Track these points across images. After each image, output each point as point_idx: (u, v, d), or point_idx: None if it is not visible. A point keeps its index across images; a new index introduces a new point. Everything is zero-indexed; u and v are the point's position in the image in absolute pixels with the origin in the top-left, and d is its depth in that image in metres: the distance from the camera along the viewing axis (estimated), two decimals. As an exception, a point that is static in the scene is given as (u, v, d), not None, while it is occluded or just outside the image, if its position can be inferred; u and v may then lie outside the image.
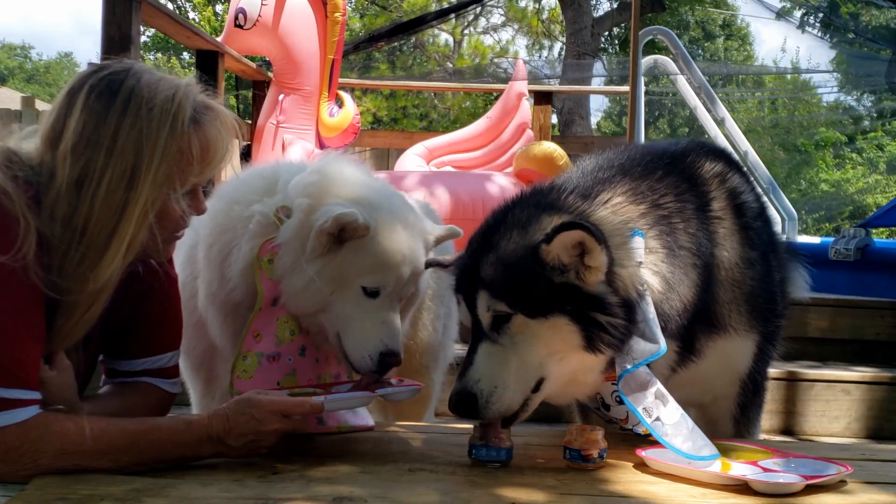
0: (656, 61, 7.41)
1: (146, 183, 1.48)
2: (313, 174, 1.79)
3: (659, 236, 1.70)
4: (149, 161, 1.48)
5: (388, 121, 16.09)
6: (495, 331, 1.59)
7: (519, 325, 1.57)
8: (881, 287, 4.02)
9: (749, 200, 1.91)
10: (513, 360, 1.58)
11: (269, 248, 1.74)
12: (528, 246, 1.58)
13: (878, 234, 14.23)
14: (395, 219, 1.78)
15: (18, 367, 1.40)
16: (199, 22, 16.18)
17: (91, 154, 1.46)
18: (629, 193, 1.73)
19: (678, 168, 1.85)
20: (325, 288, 1.72)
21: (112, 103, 1.48)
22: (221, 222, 1.82)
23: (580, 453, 1.59)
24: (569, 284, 1.56)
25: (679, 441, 1.61)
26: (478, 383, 1.57)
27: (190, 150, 1.52)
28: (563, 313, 1.56)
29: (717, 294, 1.79)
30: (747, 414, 2.00)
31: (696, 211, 1.78)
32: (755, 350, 1.91)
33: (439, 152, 6.28)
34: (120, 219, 1.47)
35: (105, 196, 1.46)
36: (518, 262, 1.58)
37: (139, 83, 1.51)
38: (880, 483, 1.58)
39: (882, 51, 12.28)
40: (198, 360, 1.98)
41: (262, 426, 1.52)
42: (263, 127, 5.59)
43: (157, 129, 1.49)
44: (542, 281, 1.56)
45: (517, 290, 1.57)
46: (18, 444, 1.39)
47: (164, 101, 1.50)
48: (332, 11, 5.55)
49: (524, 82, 6.42)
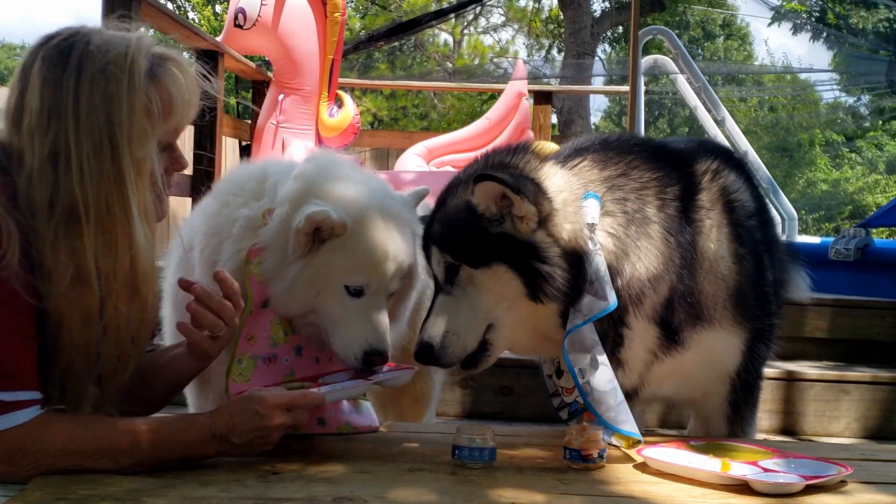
0: (656, 61, 7.41)
1: (125, 145, 1.44)
2: (296, 179, 1.78)
3: (619, 202, 1.77)
4: (119, 121, 1.44)
5: (388, 121, 16.09)
6: (448, 283, 1.72)
7: (466, 276, 1.70)
8: (881, 287, 4.02)
9: (743, 199, 1.93)
10: (463, 307, 1.71)
11: (256, 251, 1.74)
12: (465, 200, 1.71)
13: (878, 234, 14.23)
14: (378, 215, 1.76)
15: (16, 369, 1.39)
16: (198, 22, 16.17)
17: (57, 126, 1.42)
18: (600, 161, 1.82)
19: (670, 155, 1.90)
20: (309, 289, 1.71)
21: (66, 69, 1.44)
22: (212, 224, 1.82)
23: (580, 453, 1.59)
24: (504, 234, 1.68)
25: (603, 409, 1.69)
26: (432, 330, 1.70)
27: (152, 103, 1.48)
28: (503, 262, 1.68)
29: (701, 284, 1.82)
30: (740, 413, 2.00)
31: (678, 195, 1.82)
32: (743, 347, 1.91)
33: (439, 152, 6.29)
34: (123, 189, 1.43)
35: (90, 166, 1.41)
36: (458, 216, 1.72)
37: (89, 45, 1.46)
38: (880, 483, 1.58)
39: (881, 51, 12.29)
40: None
41: (266, 421, 1.51)
42: (263, 127, 5.59)
43: (116, 86, 1.44)
44: (479, 232, 1.69)
45: (459, 242, 1.71)
46: (20, 445, 1.39)
47: (117, 58, 1.45)
48: (331, 11, 5.55)
49: (524, 82, 6.42)
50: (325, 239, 1.70)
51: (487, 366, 1.76)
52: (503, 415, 3.26)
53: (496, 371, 3.22)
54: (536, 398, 3.19)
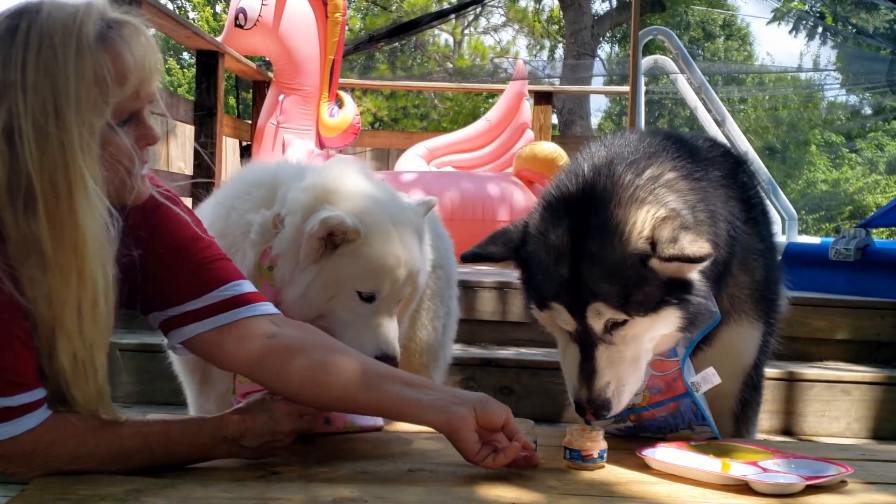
0: (656, 61, 7.41)
1: (71, 113, 1.35)
2: (307, 190, 1.78)
3: (706, 209, 1.73)
4: (65, 88, 1.35)
5: (388, 121, 16.09)
6: (608, 333, 1.64)
7: (634, 326, 1.63)
8: (881, 287, 4.01)
9: (759, 197, 1.96)
10: (627, 356, 1.65)
11: (269, 256, 1.74)
12: (636, 255, 1.60)
13: (878, 234, 14.23)
14: (390, 222, 1.77)
15: (17, 372, 1.36)
16: (197, 22, 16.18)
17: (8, 100, 1.34)
18: (678, 168, 1.75)
19: (706, 151, 1.90)
20: (322, 294, 1.72)
21: (14, 40, 1.36)
22: (219, 228, 1.82)
23: (580, 453, 1.59)
24: (672, 279, 1.63)
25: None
26: (609, 387, 1.64)
27: (103, 70, 1.38)
28: (670, 305, 1.63)
29: (736, 278, 1.83)
30: (746, 412, 2.01)
31: (729, 192, 1.82)
32: (760, 341, 1.94)
33: (440, 153, 6.29)
34: (67, 160, 1.34)
35: (36, 138, 1.33)
36: (630, 273, 1.60)
37: (39, 14, 1.38)
38: (880, 483, 1.58)
39: (882, 50, 12.30)
40: (192, 361, 1.98)
41: (278, 427, 1.51)
42: (264, 127, 5.60)
43: (63, 53, 1.36)
44: (653, 283, 1.61)
45: (633, 298, 1.61)
46: (32, 449, 1.37)
47: (64, 24, 1.38)
48: (332, 12, 5.56)
49: (524, 82, 6.42)
50: (337, 244, 1.71)
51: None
52: (503, 415, 3.25)
53: (496, 371, 3.22)
54: (536, 398, 3.19)
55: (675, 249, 1.56)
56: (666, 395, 1.79)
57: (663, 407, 1.80)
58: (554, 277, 1.68)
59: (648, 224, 1.61)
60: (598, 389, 1.64)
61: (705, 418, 1.80)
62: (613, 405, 1.65)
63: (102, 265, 1.38)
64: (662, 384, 1.78)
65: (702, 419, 1.80)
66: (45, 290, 1.34)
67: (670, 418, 1.80)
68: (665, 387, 1.78)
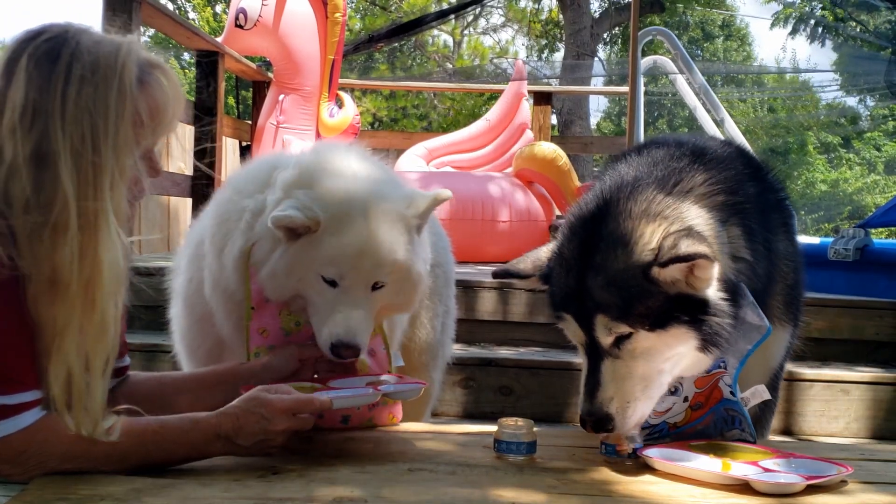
0: (656, 62, 7.42)
1: (108, 148, 1.40)
2: (293, 167, 1.81)
3: (739, 224, 1.72)
4: (104, 124, 1.40)
5: (387, 121, 16.09)
6: (616, 346, 1.63)
7: (640, 340, 1.61)
8: (880, 287, 4.01)
9: (788, 203, 1.97)
10: (637, 372, 1.63)
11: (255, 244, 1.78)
12: (639, 266, 1.60)
13: (878, 234, 14.23)
14: (362, 209, 1.75)
15: (15, 371, 1.37)
16: (197, 23, 16.18)
17: (43, 126, 1.38)
18: (707, 181, 1.74)
19: (730, 161, 1.87)
20: (290, 275, 1.74)
21: (54, 70, 1.40)
22: (223, 211, 1.86)
23: (615, 448, 1.64)
24: (681, 295, 1.60)
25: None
26: (611, 402, 1.62)
27: (139, 111, 1.46)
28: (681, 322, 1.60)
29: (775, 283, 1.84)
30: (766, 414, 2.02)
31: (755, 201, 1.80)
32: (788, 343, 1.96)
33: (439, 153, 6.28)
34: (98, 193, 1.38)
35: (70, 169, 1.37)
36: (632, 284, 1.60)
37: (79, 46, 1.43)
38: (880, 483, 1.58)
39: (882, 50, 12.30)
40: (205, 357, 1.98)
41: (270, 425, 1.51)
42: (264, 127, 5.60)
43: (105, 90, 1.41)
44: (658, 297, 1.59)
45: (636, 310, 1.59)
46: (24, 448, 1.38)
47: (107, 62, 1.43)
48: (332, 12, 5.55)
49: (524, 83, 6.42)
50: (300, 234, 1.73)
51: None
52: (503, 415, 3.25)
53: (496, 371, 3.23)
54: (536, 398, 3.19)
55: (672, 253, 1.55)
56: (705, 409, 1.78)
57: (702, 422, 1.79)
58: (563, 288, 1.70)
59: (658, 236, 1.61)
60: (598, 403, 1.62)
61: (742, 423, 1.77)
62: (617, 422, 1.61)
63: (114, 297, 1.42)
64: (703, 399, 1.77)
65: (732, 424, 1.78)
66: (52, 312, 1.38)
67: (705, 429, 1.79)
68: (704, 401, 1.77)
